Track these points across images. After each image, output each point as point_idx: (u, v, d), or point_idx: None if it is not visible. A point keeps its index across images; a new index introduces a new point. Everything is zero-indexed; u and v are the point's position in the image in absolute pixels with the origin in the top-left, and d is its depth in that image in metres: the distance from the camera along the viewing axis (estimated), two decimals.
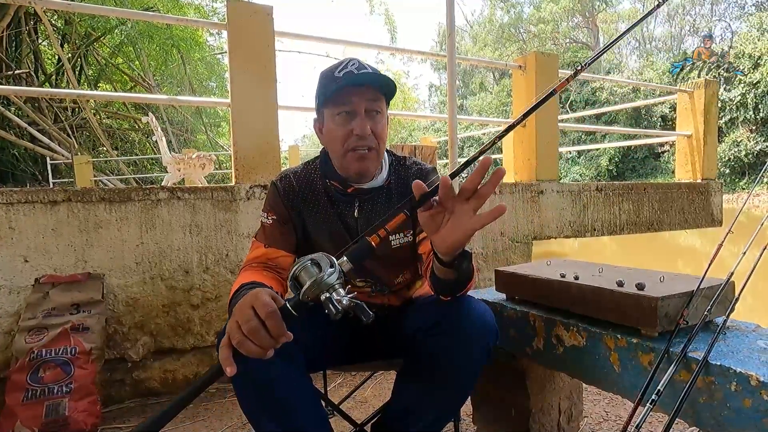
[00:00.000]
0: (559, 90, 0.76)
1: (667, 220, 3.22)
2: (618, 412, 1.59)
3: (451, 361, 0.90)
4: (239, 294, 0.87)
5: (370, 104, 0.98)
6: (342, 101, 0.97)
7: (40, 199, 1.68)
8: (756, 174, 15.64)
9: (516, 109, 2.94)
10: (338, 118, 0.98)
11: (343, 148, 0.99)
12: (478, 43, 27.78)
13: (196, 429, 1.60)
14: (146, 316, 1.84)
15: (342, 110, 0.98)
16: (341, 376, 2.01)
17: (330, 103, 0.99)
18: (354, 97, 0.97)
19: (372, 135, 0.98)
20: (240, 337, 0.68)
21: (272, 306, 0.69)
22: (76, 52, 8.78)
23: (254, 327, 0.67)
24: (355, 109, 0.97)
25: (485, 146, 0.72)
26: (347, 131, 0.97)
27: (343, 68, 0.98)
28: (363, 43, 2.85)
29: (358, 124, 0.96)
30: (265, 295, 0.71)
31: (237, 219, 1.96)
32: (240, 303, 0.72)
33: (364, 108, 0.97)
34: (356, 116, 0.97)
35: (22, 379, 1.50)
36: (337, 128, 0.99)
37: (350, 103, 0.97)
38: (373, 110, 0.99)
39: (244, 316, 0.69)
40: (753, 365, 0.78)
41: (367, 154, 0.99)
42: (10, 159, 7.87)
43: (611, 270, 1.19)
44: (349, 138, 0.98)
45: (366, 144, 0.98)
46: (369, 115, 0.98)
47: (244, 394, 0.91)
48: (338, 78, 0.97)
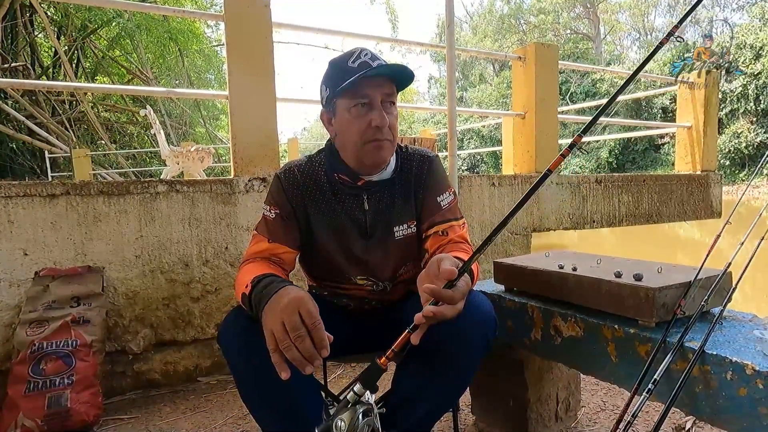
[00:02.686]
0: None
1: (666, 212, 3.23)
2: (615, 401, 1.60)
3: (451, 352, 0.90)
4: (264, 284, 0.84)
5: (387, 96, 0.97)
6: (359, 92, 0.96)
7: (38, 193, 1.67)
8: (755, 166, 15.62)
9: (516, 100, 2.92)
10: (354, 109, 0.97)
11: (361, 140, 0.97)
12: (478, 34, 27.58)
13: (198, 420, 1.62)
14: (146, 308, 1.85)
15: (359, 101, 0.96)
16: (341, 368, 2.03)
17: (346, 94, 0.97)
18: (371, 88, 0.95)
19: (387, 127, 0.98)
20: (289, 343, 0.69)
21: (318, 318, 0.70)
22: (72, 45, 8.73)
23: (302, 335, 0.69)
24: (372, 100, 0.96)
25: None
26: (366, 122, 0.96)
27: (357, 58, 0.96)
28: (362, 35, 2.83)
29: (378, 116, 0.96)
30: (310, 303, 0.72)
31: (236, 212, 1.96)
32: (284, 304, 0.72)
33: (381, 98, 0.97)
34: (374, 107, 0.96)
35: (24, 371, 1.51)
36: (355, 120, 0.97)
37: (367, 95, 0.96)
38: (388, 101, 0.98)
39: (292, 322, 0.69)
40: (749, 355, 0.79)
41: (384, 144, 0.99)
42: (8, 152, 7.86)
43: (609, 261, 1.20)
44: (368, 129, 0.97)
45: (384, 135, 0.98)
46: (384, 107, 0.98)
47: (245, 385, 0.92)
48: (353, 69, 0.95)
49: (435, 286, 0.67)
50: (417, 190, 1.07)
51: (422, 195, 1.06)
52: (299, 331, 0.69)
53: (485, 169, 22.54)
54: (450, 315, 0.68)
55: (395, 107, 1.01)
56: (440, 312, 0.66)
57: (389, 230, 1.06)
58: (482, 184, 2.54)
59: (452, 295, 0.67)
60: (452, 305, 0.68)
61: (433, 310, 0.66)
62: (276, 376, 0.90)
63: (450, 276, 0.68)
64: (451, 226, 1.04)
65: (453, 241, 1.02)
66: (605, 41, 26.48)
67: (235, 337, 0.91)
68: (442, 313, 0.67)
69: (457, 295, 0.68)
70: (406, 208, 1.06)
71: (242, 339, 0.90)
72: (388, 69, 0.96)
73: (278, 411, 0.91)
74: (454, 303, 0.68)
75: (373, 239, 1.06)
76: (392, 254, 1.07)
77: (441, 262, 0.72)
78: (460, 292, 0.69)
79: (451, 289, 0.68)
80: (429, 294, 0.67)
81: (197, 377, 1.95)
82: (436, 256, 0.76)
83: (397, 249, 1.07)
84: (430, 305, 0.67)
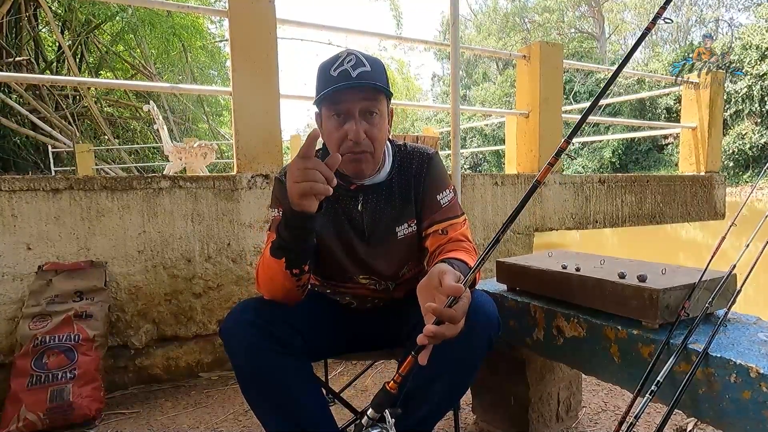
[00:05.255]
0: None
1: (669, 213, 3.21)
2: (617, 402, 1.60)
3: (454, 351, 0.90)
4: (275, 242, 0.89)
5: (366, 105, 0.94)
6: (336, 102, 0.94)
7: (42, 187, 1.68)
8: (760, 167, 15.55)
9: (519, 99, 2.91)
10: (332, 120, 0.95)
11: (338, 150, 0.96)
12: (482, 33, 27.50)
13: (199, 416, 1.62)
14: (149, 304, 1.85)
15: (335, 112, 0.95)
16: (342, 365, 2.03)
17: (325, 103, 0.96)
18: (348, 98, 0.93)
19: (367, 139, 0.95)
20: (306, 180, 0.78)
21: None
22: (76, 39, 8.72)
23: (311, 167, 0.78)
24: (349, 111, 0.94)
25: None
26: (342, 134, 0.94)
27: (339, 65, 0.94)
28: (365, 32, 2.82)
29: (352, 129, 0.93)
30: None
31: (239, 208, 1.96)
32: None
33: (359, 109, 0.94)
34: (350, 119, 0.94)
35: (27, 365, 1.51)
36: (332, 131, 0.96)
37: (344, 106, 0.93)
38: (368, 111, 0.95)
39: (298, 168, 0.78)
40: (753, 357, 0.79)
41: (361, 156, 0.96)
42: (12, 147, 7.87)
43: (613, 262, 1.19)
44: (344, 141, 0.95)
45: (360, 148, 0.95)
46: (363, 117, 0.95)
47: (247, 381, 0.92)
48: (332, 77, 0.93)
49: (437, 306, 0.67)
50: (417, 189, 1.06)
51: (422, 193, 1.06)
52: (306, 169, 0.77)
53: (488, 168, 22.51)
54: (450, 335, 0.67)
55: (380, 116, 0.97)
56: (441, 332, 0.66)
57: (391, 230, 1.05)
58: (485, 183, 2.53)
59: (454, 314, 0.67)
60: (454, 324, 0.68)
61: (434, 330, 0.66)
62: (277, 372, 0.90)
63: (455, 293, 0.67)
64: (452, 225, 1.03)
65: (453, 240, 1.01)
66: (610, 40, 26.36)
67: (238, 332, 0.91)
68: (443, 333, 0.67)
69: (458, 315, 0.68)
70: (407, 208, 1.06)
71: (245, 334, 0.90)
72: (362, 80, 0.93)
73: (279, 406, 0.92)
74: (455, 322, 0.68)
75: (374, 240, 1.06)
76: (394, 254, 1.07)
77: (444, 276, 0.71)
78: (462, 311, 0.69)
79: (453, 306, 0.67)
80: (431, 313, 0.67)
81: (199, 373, 1.95)
82: (438, 267, 0.75)
83: (400, 248, 1.07)
84: (431, 325, 0.66)
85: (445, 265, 0.76)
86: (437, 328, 0.66)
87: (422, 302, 0.72)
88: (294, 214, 0.82)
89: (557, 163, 0.68)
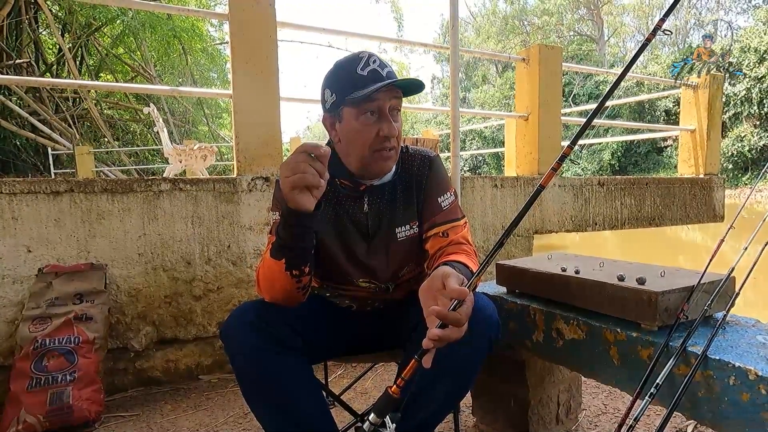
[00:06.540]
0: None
1: (668, 215, 3.22)
2: (616, 404, 1.60)
3: (454, 353, 0.90)
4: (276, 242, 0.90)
5: (395, 102, 0.98)
6: (372, 101, 0.95)
7: (42, 190, 1.68)
8: (759, 169, 15.57)
9: (519, 102, 2.92)
10: (363, 117, 0.96)
11: (369, 149, 0.97)
12: (482, 35, 27.56)
13: (199, 419, 1.62)
14: (148, 306, 1.85)
15: (368, 110, 0.96)
16: (342, 368, 2.03)
17: (358, 102, 0.96)
18: (381, 96, 0.95)
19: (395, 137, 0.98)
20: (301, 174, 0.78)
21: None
22: (76, 42, 8.73)
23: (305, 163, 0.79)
24: (382, 109, 0.96)
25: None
26: (374, 131, 0.96)
27: (365, 65, 0.96)
28: (365, 34, 2.83)
29: (386, 126, 0.96)
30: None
31: (239, 210, 1.96)
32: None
33: (389, 107, 0.97)
34: (383, 117, 0.96)
35: (27, 368, 1.51)
36: (364, 128, 0.97)
37: (377, 104, 0.96)
38: (395, 109, 0.98)
39: (292, 165, 0.79)
40: (751, 360, 0.79)
41: (392, 154, 0.99)
42: (12, 149, 7.87)
43: (612, 264, 1.20)
44: (376, 139, 0.97)
45: (391, 145, 0.98)
46: (392, 115, 0.98)
47: (247, 383, 0.92)
48: (362, 77, 0.95)
49: (441, 309, 0.67)
50: (418, 191, 1.07)
51: (423, 196, 1.06)
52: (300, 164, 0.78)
53: (487, 170, 22.51)
54: (455, 338, 0.68)
55: (400, 114, 1.01)
56: (446, 336, 0.66)
57: (391, 231, 1.06)
58: (484, 185, 2.54)
59: (459, 318, 0.67)
60: (458, 327, 0.68)
61: (439, 334, 0.66)
62: (277, 374, 0.90)
63: (460, 296, 0.67)
64: (453, 227, 1.03)
65: (454, 243, 1.01)
66: (609, 43, 26.42)
67: (239, 333, 0.91)
68: (449, 336, 0.67)
69: (463, 318, 0.68)
70: (408, 209, 1.06)
71: (245, 336, 0.90)
72: (403, 82, 0.96)
73: (279, 408, 0.92)
74: (460, 326, 0.68)
75: (375, 241, 1.06)
76: (394, 256, 1.07)
77: (447, 279, 0.71)
78: (466, 314, 0.69)
79: (457, 309, 0.68)
80: (436, 316, 0.67)
81: (198, 375, 1.95)
82: (441, 270, 0.75)
83: (400, 250, 1.07)
84: (436, 328, 0.66)
85: (448, 268, 0.77)
86: (442, 331, 0.66)
87: (424, 305, 0.73)
88: (290, 212, 0.83)
89: (559, 167, 0.69)
